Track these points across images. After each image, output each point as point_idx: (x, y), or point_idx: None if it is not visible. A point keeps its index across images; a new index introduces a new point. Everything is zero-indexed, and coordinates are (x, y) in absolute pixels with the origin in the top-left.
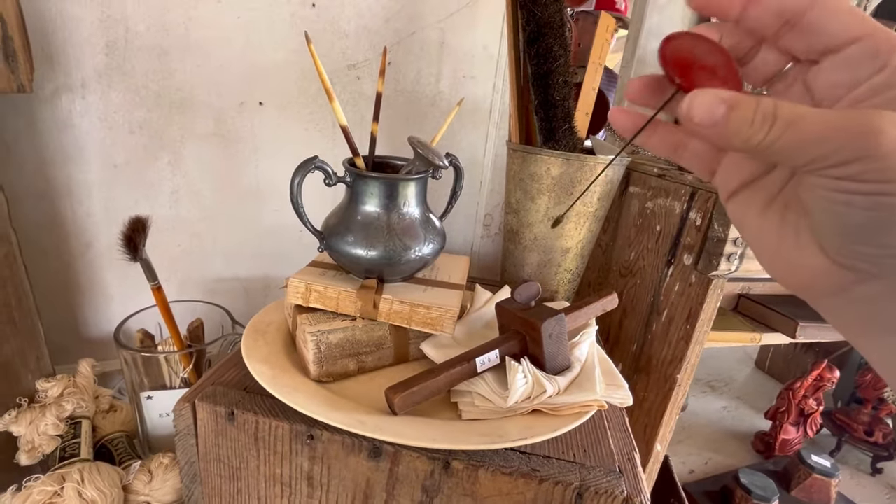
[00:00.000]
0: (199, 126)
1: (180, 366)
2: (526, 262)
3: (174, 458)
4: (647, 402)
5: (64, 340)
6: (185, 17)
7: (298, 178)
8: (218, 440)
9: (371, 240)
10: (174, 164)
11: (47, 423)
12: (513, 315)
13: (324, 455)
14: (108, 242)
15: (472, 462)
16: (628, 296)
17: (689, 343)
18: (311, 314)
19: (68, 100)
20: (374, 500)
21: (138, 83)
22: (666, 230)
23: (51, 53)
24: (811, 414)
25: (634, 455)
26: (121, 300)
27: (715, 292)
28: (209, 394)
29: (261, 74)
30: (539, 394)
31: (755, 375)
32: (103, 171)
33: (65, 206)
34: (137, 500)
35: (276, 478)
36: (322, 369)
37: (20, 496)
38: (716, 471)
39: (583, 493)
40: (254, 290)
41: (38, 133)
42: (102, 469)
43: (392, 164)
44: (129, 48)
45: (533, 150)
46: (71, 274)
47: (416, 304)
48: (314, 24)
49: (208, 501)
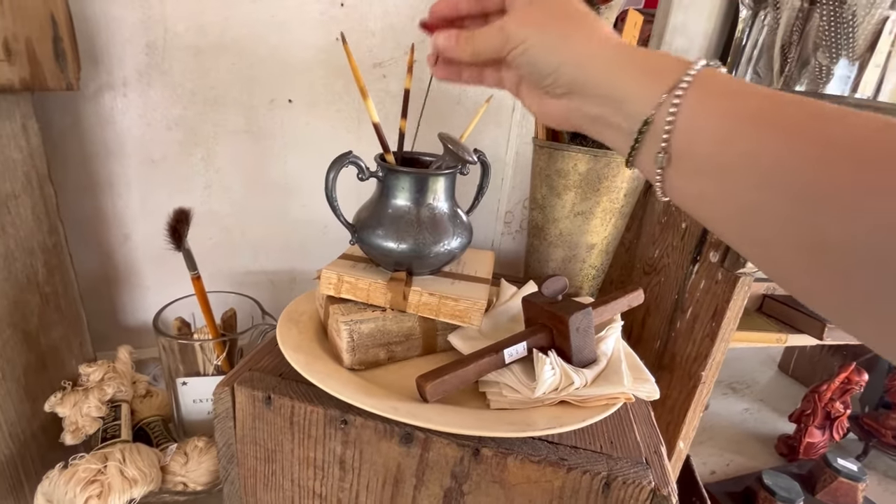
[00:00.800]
0: (231, 123)
1: (214, 354)
2: (551, 258)
3: (208, 442)
4: (671, 399)
5: (103, 328)
6: (221, 18)
7: (333, 173)
8: (255, 423)
9: (401, 233)
10: (207, 159)
11: (90, 405)
12: (540, 309)
13: (356, 440)
14: (145, 234)
15: (500, 450)
16: (652, 293)
17: (715, 340)
18: (343, 305)
19: (110, 97)
20: (404, 485)
21: (175, 81)
22: (692, 227)
23: (95, 53)
24: (838, 417)
25: (661, 448)
26: (156, 290)
27: (742, 289)
28: (247, 379)
29: (290, 72)
30: (567, 385)
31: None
32: (141, 167)
33: (105, 199)
34: (174, 480)
35: (309, 461)
36: (355, 357)
37: (67, 473)
38: (738, 472)
39: (610, 482)
40: (280, 282)
41: (82, 130)
42: (142, 450)
43: (421, 159)
44: (168, 48)
45: (560, 147)
46: (110, 265)
47: (445, 296)
48: (343, 24)
49: (244, 482)
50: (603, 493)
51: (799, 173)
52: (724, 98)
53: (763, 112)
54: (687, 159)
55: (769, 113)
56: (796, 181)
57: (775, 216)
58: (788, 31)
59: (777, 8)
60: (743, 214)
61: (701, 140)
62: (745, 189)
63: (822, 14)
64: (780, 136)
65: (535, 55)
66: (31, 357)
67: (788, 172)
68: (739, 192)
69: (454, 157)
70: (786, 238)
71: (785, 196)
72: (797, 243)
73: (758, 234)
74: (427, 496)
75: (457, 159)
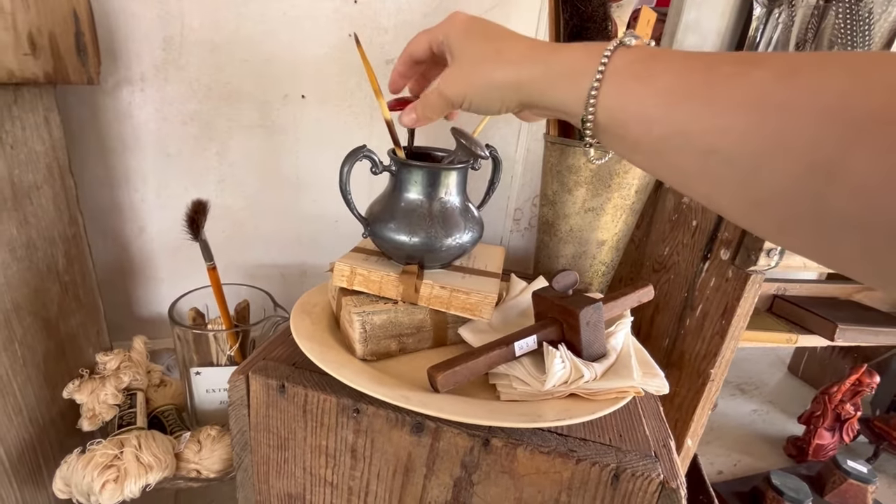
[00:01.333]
0: (245, 118)
1: (227, 344)
2: (561, 254)
3: (221, 431)
4: (679, 397)
5: (118, 318)
6: (235, 14)
7: (348, 167)
8: (268, 411)
9: (413, 227)
10: (221, 154)
11: (107, 392)
12: (550, 303)
13: (368, 429)
14: (160, 227)
15: (511, 440)
16: (661, 291)
17: (725, 338)
18: (356, 297)
19: (128, 92)
20: (415, 474)
21: (191, 76)
22: (703, 225)
23: (114, 48)
24: (848, 419)
25: (670, 442)
26: (169, 282)
27: (753, 287)
28: (261, 367)
29: (304, 68)
30: (577, 378)
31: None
32: (157, 160)
33: (122, 192)
34: (188, 467)
35: (321, 449)
36: (367, 348)
37: (85, 458)
38: (745, 473)
39: (619, 474)
40: (290, 276)
41: (100, 123)
42: (157, 437)
43: (432, 154)
44: (185, 43)
45: (572, 143)
46: (125, 256)
47: (456, 290)
48: (356, 20)
49: (257, 469)
50: (612, 484)
51: (708, 137)
52: (633, 83)
53: (671, 89)
54: (621, 144)
55: (677, 89)
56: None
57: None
58: (803, 29)
59: (792, 6)
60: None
61: (626, 128)
62: (680, 163)
63: (838, 12)
64: (687, 108)
65: (479, 104)
66: (50, 344)
67: (698, 138)
68: (675, 166)
69: (466, 151)
70: (731, 195)
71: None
72: (737, 199)
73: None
74: (437, 485)
75: (469, 154)
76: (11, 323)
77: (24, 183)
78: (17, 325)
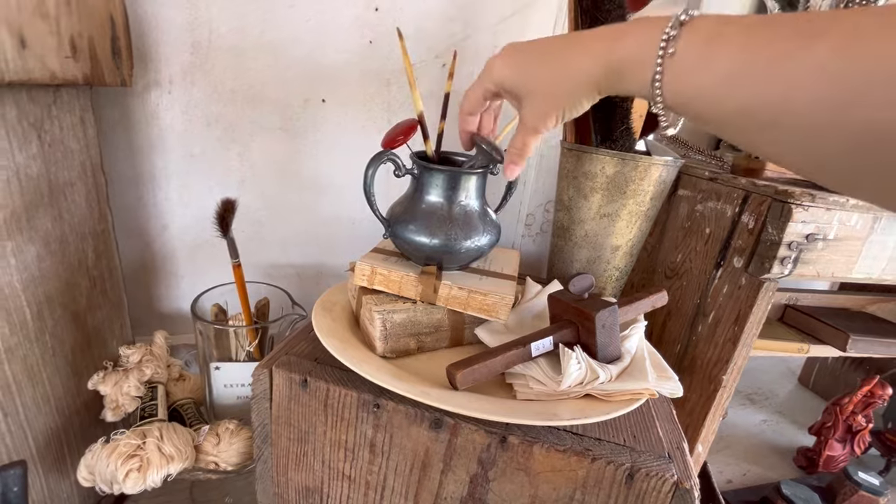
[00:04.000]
0: (267, 121)
1: (247, 340)
2: (575, 258)
3: (239, 425)
4: (690, 402)
5: (140, 313)
6: (260, 20)
7: (372, 170)
8: (290, 405)
9: (433, 229)
10: (243, 155)
11: (130, 384)
12: (566, 305)
13: (387, 424)
14: (182, 225)
15: (527, 438)
16: (673, 297)
17: (737, 345)
18: (376, 296)
19: (157, 94)
20: (432, 470)
21: (216, 80)
22: (716, 233)
23: (144, 52)
24: (859, 431)
25: (683, 444)
26: (189, 279)
27: (766, 295)
28: (284, 362)
29: (325, 73)
30: (592, 379)
31: (798, 391)
32: (181, 161)
33: (147, 190)
34: (206, 459)
35: (340, 443)
36: (387, 345)
37: (109, 447)
38: (755, 482)
39: (633, 474)
40: (306, 276)
41: (130, 124)
42: (178, 429)
43: (453, 158)
44: (212, 48)
45: (588, 150)
46: (148, 253)
47: (474, 291)
48: (377, 27)
49: (276, 461)
50: (626, 484)
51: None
52: (693, 69)
53: (731, 73)
54: (689, 117)
55: (737, 72)
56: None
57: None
58: None
59: (807, 6)
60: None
61: (691, 106)
62: (745, 134)
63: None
64: (748, 89)
65: (571, 112)
66: (78, 336)
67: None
68: (740, 135)
69: (486, 156)
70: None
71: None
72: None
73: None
74: (453, 481)
75: (489, 158)
76: (43, 314)
77: (59, 180)
78: (48, 316)
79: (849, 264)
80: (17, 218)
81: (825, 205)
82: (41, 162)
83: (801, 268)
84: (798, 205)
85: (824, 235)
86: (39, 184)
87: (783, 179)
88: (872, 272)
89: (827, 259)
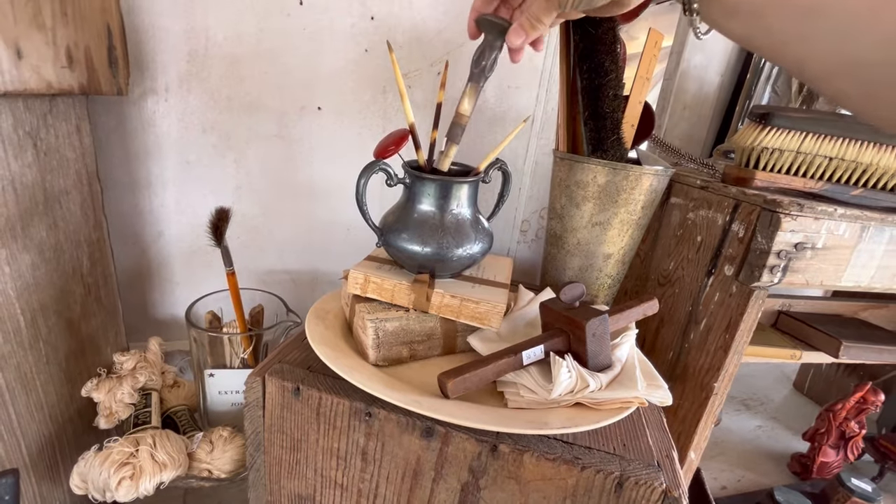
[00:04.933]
0: (263, 128)
1: (242, 347)
2: (568, 266)
3: (233, 432)
4: (682, 409)
5: (134, 320)
6: (257, 29)
7: (364, 179)
8: (283, 413)
9: (426, 237)
10: (239, 162)
11: (123, 392)
12: (557, 314)
13: (379, 432)
14: (177, 232)
15: (517, 447)
16: (666, 305)
17: (728, 353)
18: (369, 304)
19: (153, 102)
20: (423, 478)
21: (213, 88)
22: (707, 241)
23: (141, 60)
24: (853, 437)
25: (673, 452)
26: (184, 286)
27: (756, 303)
28: (277, 370)
29: (321, 81)
30: (582, 388)
31: (793, 397)
32: (177, 168)
33: (143, 197)
34: (200, 466)
35: (333, 451)
36: (379, 354)
37: (102, 454)
38: (749, 489)
39: (623, 482)
40: (302, 282)
41: (126, 131)
42: (171, 436)
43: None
44: (208, 56)
45: (580, 159)
46: (143, 259)
47: (466, 299)
48: (372, 36)
49: (269, 469)
50: (615, 492)
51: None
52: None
53: None
54: (720, 9)
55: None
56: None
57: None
58: None
59: None
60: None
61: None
62: (779, 26)
63: None
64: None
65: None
66: (72, 343)
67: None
68: (772, 29)
69: (492, 27)
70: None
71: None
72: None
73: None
74: (445, 489)
75: (495, 28)
76: (37, 322)
77: (54, 188)
78: (42, 324)
79: (837, 273)
80: (12, 226)
81: (814, 214)
82: (36, 170)
83: (791, 276)
84: (787, 214)
85: (813, 244)
86: (34, 192)
87: (773, 189)
88: (861, 280)
89: (816, 268)
